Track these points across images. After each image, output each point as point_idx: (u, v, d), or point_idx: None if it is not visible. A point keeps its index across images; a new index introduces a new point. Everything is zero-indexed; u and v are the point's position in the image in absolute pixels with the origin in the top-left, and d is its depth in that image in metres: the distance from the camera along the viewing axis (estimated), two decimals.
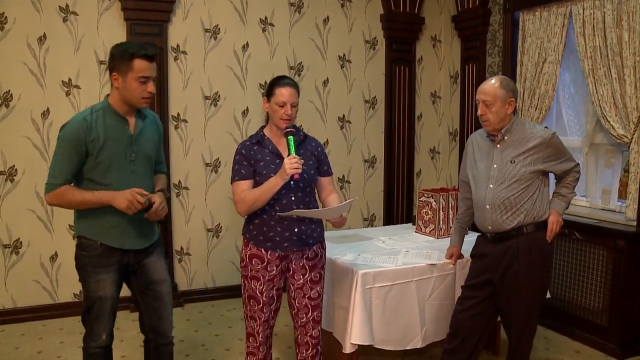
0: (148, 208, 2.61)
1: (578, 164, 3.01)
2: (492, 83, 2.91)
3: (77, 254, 2.67)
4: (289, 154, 2.66)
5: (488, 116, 2.90)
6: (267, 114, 2.86)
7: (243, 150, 2.81)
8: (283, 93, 2.74)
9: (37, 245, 4.52)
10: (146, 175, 2.73)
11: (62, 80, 4.49)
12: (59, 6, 4.43)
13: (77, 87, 4.53)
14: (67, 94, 4.51)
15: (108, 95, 2.64)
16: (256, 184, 2.76)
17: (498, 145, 2.97)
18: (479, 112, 2.94)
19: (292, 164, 2.59)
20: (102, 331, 2.68)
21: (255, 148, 2.81)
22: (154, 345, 2.87)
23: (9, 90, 4.35)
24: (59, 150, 2.54)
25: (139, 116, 2.69)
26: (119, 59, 2.52)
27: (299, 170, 2.60)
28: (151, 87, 2.57)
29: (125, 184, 2.58)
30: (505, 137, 2.95)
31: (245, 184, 2.77)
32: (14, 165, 4.40)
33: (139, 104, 2.61)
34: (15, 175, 4.42)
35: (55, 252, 4.57)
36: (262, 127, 2.91)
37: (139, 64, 2.51)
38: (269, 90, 2.80)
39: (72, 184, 2.59)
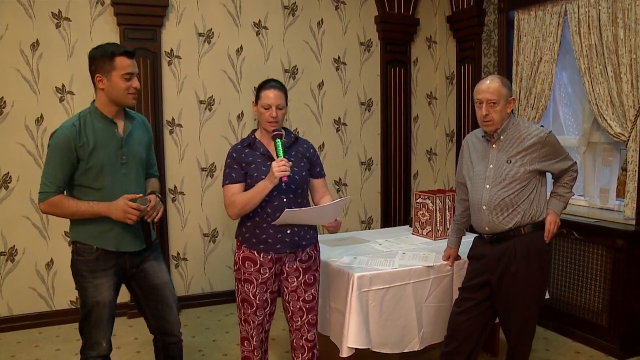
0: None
1: (575, 163, 2.99)
2: (496, 82, 2.87)
3: (73, 260, 2.65)
4: (278, 157, 2.65)
5: (492, 116, 2.86)
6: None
7: (234, 154, 2.81)
8: (269, 95, 2.75)
9: (32, 253, 4.49)
10: (138, 177, 2.72)
11: (56, 87, 4.47)
12: (52, 12, 4.42)
13: (71, 93, 4.51)
14: (61, 100, 4.49)
15: (94, 100, 2.64)
16: (248, 187, 2.75)
17: (494, 146, 2.95)
18: (483, 112, 2.87)
19: (279, 167, 2.58)
20: (101, 339, 2.65)
21: (246, 151, 2.81)
22: (162, 344, 2.88)
23: (3, 97, 4.32)
24: (50, 158, 2.54)
25: (127, 119, 2.70)
26: (100, 60, 2.54)
27: (287, 173, 2.59)
28: (136, 82, 2.59)
29: (117, 187, 2.58)
30: (501, 137, 2.92)
31: (236, 188, 2.76)
32: (8, 173, 4.38)
33: (126, 101, 2.61)
34: (9, 182, 4.39)
35: (51, 259, 4.55)
36: (254, 131, 2.91)
37: (121, 61, 2.54)
38: (257, 93, 2.82)
39: (65, 193, 2.59)
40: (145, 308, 2.81)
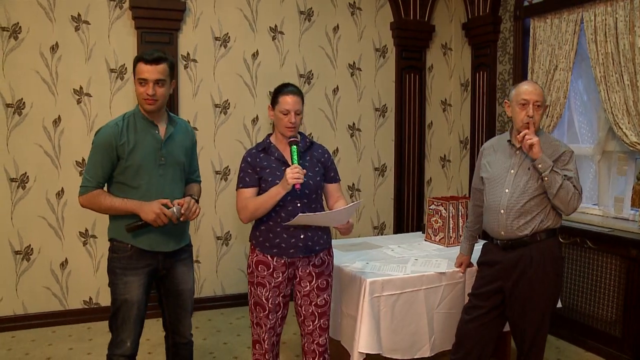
0: (178, 219, 2.66)
1: (581, 188, 2.89)
2: (538, 85, 2.92)
3: (109, 257, 2.75)
4: (292, 164, 2.66)
5: (536, 118, 2.86)
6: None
7: (249, 158, 2.83)
8: (288, 101, 2.76)
9: (47, 252, 4.55)
10: (175, 180, 2.77)
11: (74, 89, 4.53)
12: (71, 15, 4.48)
13: (88, 95, 4.57)
14: (78, 102, 4.55)
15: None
16: (262, 191, 2.77)
17: (517, 152, 2.94)
18: (530, 112, 2.83)
19: (293, 174, 2.60)
20: (127, 338, 2.70)
21: (261, 155, 2.83)
22: (172, 343, 2.95)
23: (22, 99, 4.39)
24: (93, 154, 2.64)
25: (170, 122, 2.77)
26: (133, 65, 2.66)
27: (300, 181, 2.61)
28: (149, 89, 2.60)
29: (153, 187, 2.66)
30: None
31: (249, 192, 2.78)
32: (25, 173, 4.44)
33: (142, 105, 2.68)
34: (26, 182, 4.45)
35: (66, 258, 4.60)
36: (269, 135, 2.92)
37: (139, 67, 2.62)
38: (274, 98, 2.83)
39: (105, 188, 2.69)
40: (165, 307, 2.89)
